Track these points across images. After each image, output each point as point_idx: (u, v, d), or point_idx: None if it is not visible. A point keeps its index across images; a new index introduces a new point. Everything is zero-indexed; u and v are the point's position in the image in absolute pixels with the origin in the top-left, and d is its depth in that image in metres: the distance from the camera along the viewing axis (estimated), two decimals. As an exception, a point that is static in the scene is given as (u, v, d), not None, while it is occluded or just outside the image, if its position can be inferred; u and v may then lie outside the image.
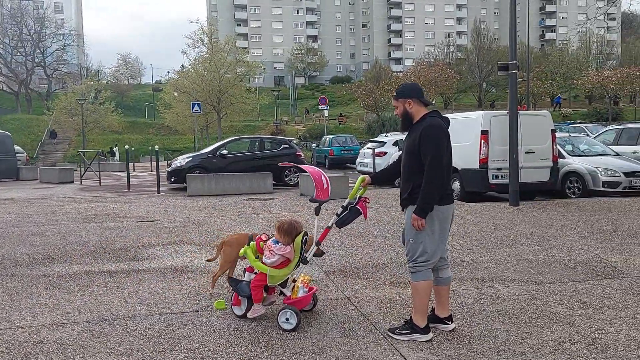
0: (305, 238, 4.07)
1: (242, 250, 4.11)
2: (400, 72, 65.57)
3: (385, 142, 17.55)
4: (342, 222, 3.93)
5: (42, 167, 20.60)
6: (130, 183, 16.00)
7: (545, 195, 12.65)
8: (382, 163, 16.61)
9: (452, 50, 70.02)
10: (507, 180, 10.67)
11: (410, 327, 3.67)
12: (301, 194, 12.81)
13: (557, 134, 12.55)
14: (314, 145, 17.66)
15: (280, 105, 66.48)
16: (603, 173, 11.53)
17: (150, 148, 31.63)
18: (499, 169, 10.95)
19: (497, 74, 12.56)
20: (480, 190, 11.32)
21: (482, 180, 11.00)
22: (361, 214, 3.90)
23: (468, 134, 11.38)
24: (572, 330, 3.81)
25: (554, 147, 11.32)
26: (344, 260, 6.05)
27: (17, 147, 25.88)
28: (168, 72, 77.36)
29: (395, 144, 15.31)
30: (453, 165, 11.57)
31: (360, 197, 3.95)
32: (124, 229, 8.38)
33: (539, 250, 6.46)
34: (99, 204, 11.99)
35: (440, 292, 3.84)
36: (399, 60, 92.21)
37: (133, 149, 14.79)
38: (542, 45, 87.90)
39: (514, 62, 10.49)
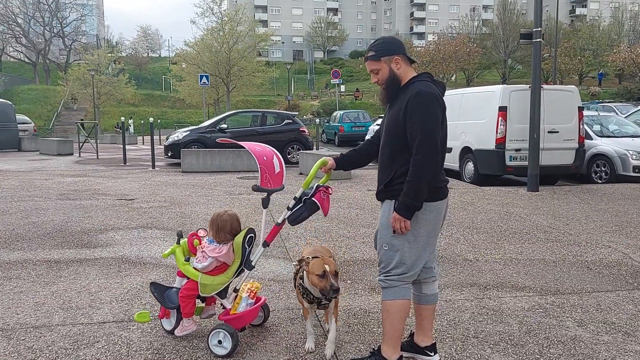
0: (251, 237, 3.16)
1: (168, 250, 3.21)
2: (421, 46, 63.40)
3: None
4: (294, 218, 3.01)
5: (42, 138, 19.99)
6: (128, 157, 15.29)
7: (569, 179, 11.53)
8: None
9: (476, 24, 67.45)
10: (526, 163, 9.60)
11: None
12: (300, 173, 11.89)
13: (585, 113, 11.36)
14: (317, 121, 16.52)
15: (298, 80, 65.23)
16: (635, 156, 10.35)
17: (158, 121, 30.97)
18: (517, 150, 9.86)
19: (523, 49, 11.33)
20: (496, 173, 10.26)
21: (498, 162, 9.93)
22: (319, 208, 2.97)
23: (484, 110, 10.28)
24: (595, 367, 2.87)
25: (581, 126, 10.16)
26: (324, 255, 5.14)
27: (24, 118, 25.41)
28: (184, 41, 76.27)
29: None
30: (466, 145, 10.83)
31: (319, 187, 3.00)
32: (95, 209, 7.60)
33: (558, 247, 5.46)
34: (85, 178, 11.26)
35: (422, 312, 2.91)
36: (421, 35, 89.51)
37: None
38: (572, 20, 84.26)
39: (539, 29, 9.29)
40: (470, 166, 10.75)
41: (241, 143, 3.26)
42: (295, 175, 11.62)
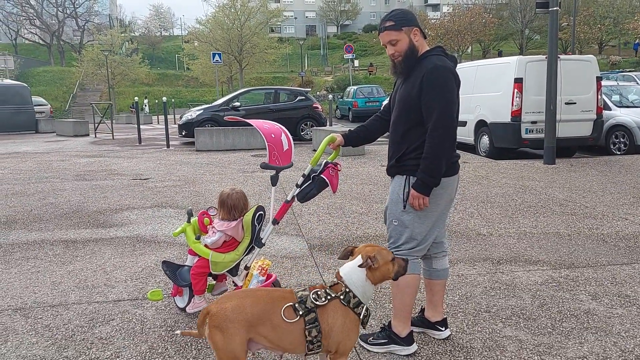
0: (260, 214, 3.17)
1: (179, 229, 3.23)
2: (436, 18, 62.19)
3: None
4: (303, 195, 2.98)
5: (59, 120, 20.18)
6: (143, 137, 15.39)
7: (587, 151, 11.34)
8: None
9: (493, -6, 65.81)
10: (542, 135, 9.45)
11: (387, 335, 2.77)
12: (313, 150, 11.87)
13: (604, 83, 11.10)
14: (330, 97, 16.35)
15: (311, 56, 64.61)
16: (655, 127, 10.12)
17: (172, 100, 31.02)
18: (533, 122, 9.70)
19: (541, 19, 11.04)
20: (512, 146, 10.12)
21: (513, 134, 9.79)
22: (328, 185, 2.94)
23: (499, 83, 10.10)
24: (608, 341, 2.84)
25: (599, 97, 9.93)
26: (336, 231, 5.15)
27: (40, 99, 25.64)
28: (196, 19, 75.87)
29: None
30: (481, 118, 10.67)
31: (327, 163, 2.97)
32: (110, 189, 7.69)
33: (573, 220, 5.39)
34: (100, 159, 11.38)
35: (433, 288, 2.89)
36: (436, 7, 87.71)
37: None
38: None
39: (556, -3, 9.03)
40: (485, 139, 10.61)
41: (249, 121, 3.25)
42: (308, 152, 11.59)
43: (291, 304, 2.09)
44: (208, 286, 3.26)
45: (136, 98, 15.38)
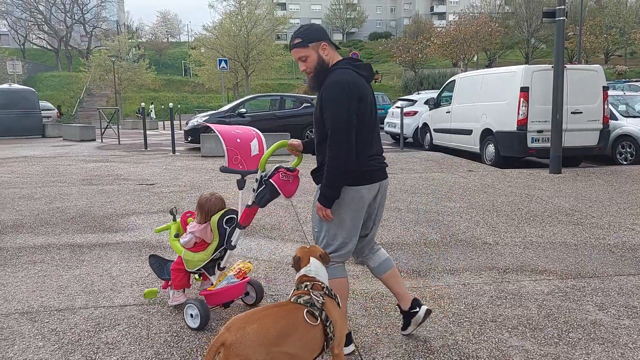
0: (231, 217, 3.27)
1: (162, 226, 3.55)
2: (442, 27, 62.30)
3: (415, 101, 16.24)
4: (259, 200, 3.03)
5: (65, 125, 20.31)
6: (149, 142, 15.46)
7: (593, 161, 11.32)
8: (411, 123, 15.45)
9: (499, 3, 65.96)
10: (548, 144, 9.44)
11: None
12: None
13: (610, 92, 11.08)
14: None
15: (317, 62, 64.71)
16: (662, 137, 10.09)
17: (178, 106, 31.18)
18: (539, 132, 9.70)
19: (547, 28, 11.07)
20: (518, 155, 10.11)
21: (519, 143, 9.78)
22: (278, 190, 2.94)
23: (505, 92, 10.10)
24: (615, 352, 2.83)
25: (605, 106, 9.92)
26: (341, 239, 5.15)
27: (47, 104, 25.83)
28: (202, 26, 76.33)
29: (427, 102, 14.02)
30: (487, 127, 10.67)
31: (279, 168, 2.97)
32: (117, 194, 7.72)
33: (580, 230, 5.38)
34: (107, 164, 11.43)
35: (386, 282, 2.96)
36: (442, 15, 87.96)
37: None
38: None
39: (562, 7, 9.05)
40: (491, 148, 10.61)
41: (212, 126, 3.33)
42: (313, 160, 11.60)
43: (305, 310, 2.11)
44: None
45: (142, 103, 15.46)
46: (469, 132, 11.27)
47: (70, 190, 8.05)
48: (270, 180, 2.94)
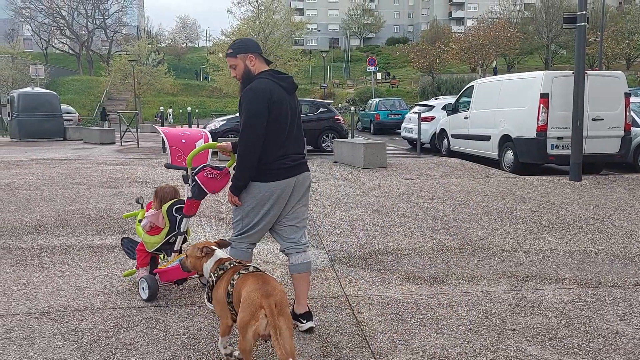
0: (179, 207, 3.67)
1: (130, 212, 4.05)
2: (460, 32, 61.99)
3: (433, 106, 16.16)
4: (192, 193, 3.43)
5: (86, 128, 20.63)
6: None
7: (614, 168, 11.14)
8: (428, 129, 15.38)
9: (518, 8, 65.47)
10: (568, 151, 9.32)
11: None
12: (334, 162, 11.89)
13: (632, 99, 10.91)
14: (352, 109, 16.29)
15: (334, 68, 64.93)
16: (685, 145, 9.90)
17: (196, 110, 31.42)
18: (559, 138, 9.58)
19: (567, 34, 10.95)
20: (537, 162, 9.99)
21: (539, 150, 9.67)
22: (202, 186, 3.34)
23: (525, 97, 10.01)
24: (638, 363, 2.77)
25: (627, 113, 9.77)
26: (357, 243, 5.14)
27: (68, 107, 26.27)
28: (221, 31, 76.91)
29: (444, 107, 13.94)
30: (506, 133, 10.57)
31: (205, 166, 3.37)
32: (135, 196, 7.80)
33: (601, 238, 5.29)
34: (126, 166, 11.58)
35: (294, 281, 3.19)
36: (460, 20, 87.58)
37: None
38: (620, 3, 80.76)
39: (583, 12, 8.94)
40: (509, 154, 10.51)
41: (158, 128, 3.93)
42: (330, 164, 11.62)
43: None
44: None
45: (161, 107, 15.63)
46: (487, 138, 11.18)
47: (90, 193, 8.16)
48: (195, 177, 3.33)
